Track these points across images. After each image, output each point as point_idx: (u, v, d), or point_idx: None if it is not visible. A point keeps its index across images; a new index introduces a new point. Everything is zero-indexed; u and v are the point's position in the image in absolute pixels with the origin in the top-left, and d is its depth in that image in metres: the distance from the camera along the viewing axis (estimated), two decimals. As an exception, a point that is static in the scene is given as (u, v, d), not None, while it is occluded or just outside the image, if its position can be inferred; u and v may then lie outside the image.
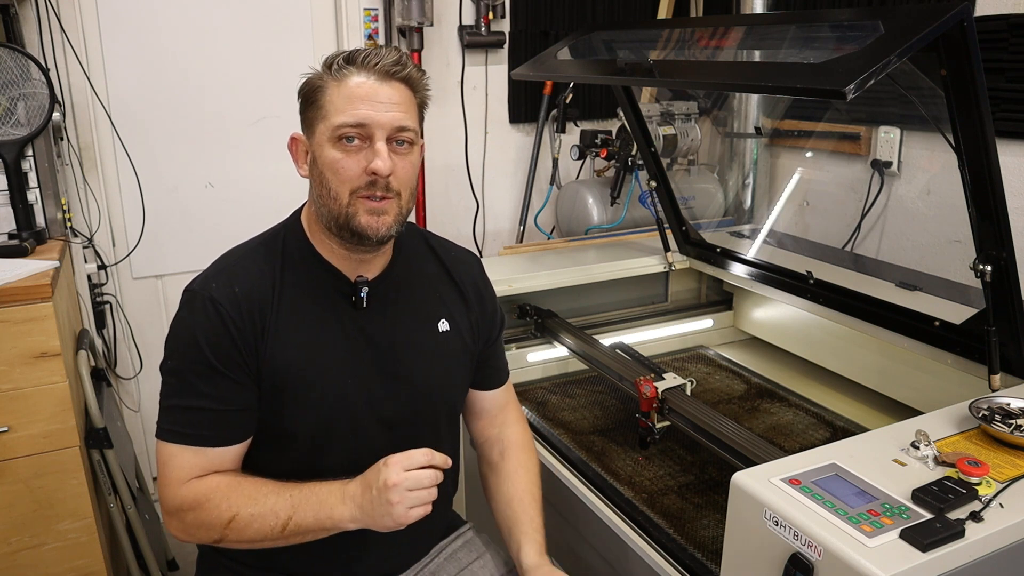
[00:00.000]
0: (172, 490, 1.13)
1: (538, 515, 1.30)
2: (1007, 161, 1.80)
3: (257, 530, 1.10)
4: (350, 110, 1.10)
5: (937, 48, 1.15)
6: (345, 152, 1.11)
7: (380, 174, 1.10)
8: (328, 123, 1.11)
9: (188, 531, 1.14)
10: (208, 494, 1.12)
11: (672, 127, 2.53)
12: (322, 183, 1.14)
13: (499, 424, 1.41)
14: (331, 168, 1.12)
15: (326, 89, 1.12)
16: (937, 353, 1.51)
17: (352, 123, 1.10)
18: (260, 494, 1.12)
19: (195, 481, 1.13)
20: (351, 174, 1.11)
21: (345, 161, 1.11)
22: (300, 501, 1.11)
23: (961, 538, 0.94)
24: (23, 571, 1.78)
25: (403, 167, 1.14)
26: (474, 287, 1.35)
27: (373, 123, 1.10)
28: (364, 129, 1.10)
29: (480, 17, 2.70)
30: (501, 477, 1.35)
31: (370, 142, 1.11)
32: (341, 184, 1.12)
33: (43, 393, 1.72)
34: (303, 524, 1.10)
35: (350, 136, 1.10)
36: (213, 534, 1.12)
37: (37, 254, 1.90)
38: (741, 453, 1.38)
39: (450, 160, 2.84)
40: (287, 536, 1.11)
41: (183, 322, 1.15)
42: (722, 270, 2.08)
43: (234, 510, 1.11)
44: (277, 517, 1.10)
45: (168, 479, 1.14)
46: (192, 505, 1.12)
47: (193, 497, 1.12)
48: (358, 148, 1.11)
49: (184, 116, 2.49)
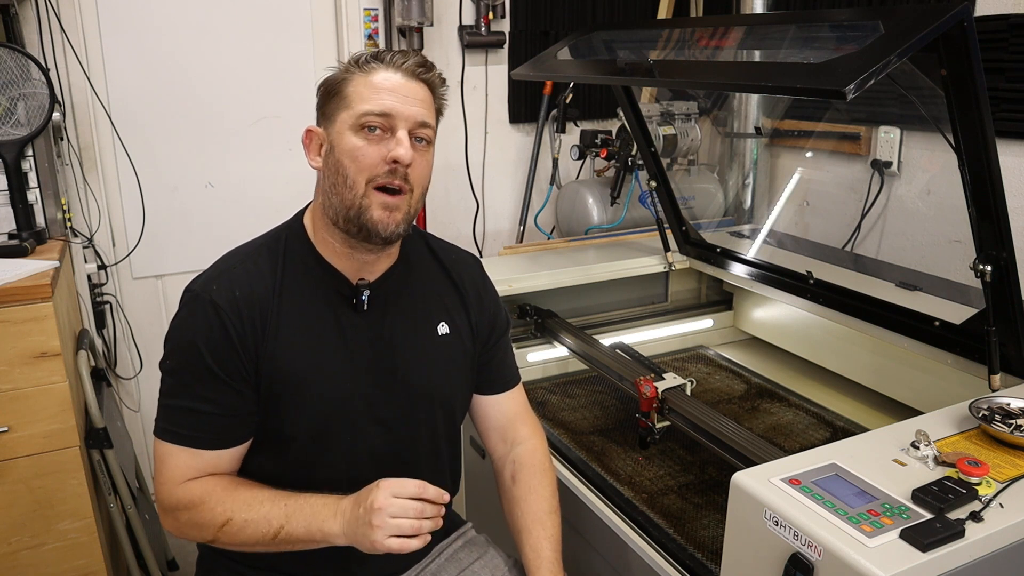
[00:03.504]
0: (168, 489, 1.14)
1: (548, 545, 1.25)
2: (1007, 161, 1.80)
3: (250, 535, 1.11)
4: (376, 99, 1.11)
5: (937, 48, 1.15)
6: (367, 140, 1.12)
7: (402, 161, 1.11)
8: (352, 111, 1.12)
9: (182, 530, 1.16)
10: (204, 496, 1.12)
11: (672, 127, 2.53)
12: (338, 171, 1.13)
13: (510, 441, 1.37)
14: (351, 155, 1.12)
15: (351, 80, 1.13)
16: (937, 353, 1.50)
17: (377, 111, 1.11)
18: (256, 500, 1.12)
19: (192, 482, 1.14)
20: (371, 162, 1.11)
21: (366, 148, 1.11)
22: (294, 511, 1.11)
23: (961, 538, 0.94)
24: (23, 571, 1.78)
25: (420, 163, 1.15)
26: (474, 288, 1.34)
27: (397, 114, 1.11)
28: (388, 119, 1.11)
29: (480, 17, 2.70)
30: (513, 503, 1.31)
31: (391, 133, 1.12)
32: (359, 172, 1.12)
33: (43, 393, 1.72)
34: (294, 534, 1.11)
35: (372, 125, 1.11)
36: (206, 535, 1.13)
37: (37, 254, 1.90)
38: (741, 453, 1.38)
39: (450, 160, 2.84)
40: (278, 544, 1.11)
41: (183, 324, 1.15)
42: (722, 270, 2.08)
43: (228, 514, 1.11)
44: (270, 525, 1.10)
45: (164, 477, 1.14)
46: (187, 505, 1.12)
47: (189, 498, 1.12)
48: (379, 138, 1.12)
49: (184, 116, 2.49)
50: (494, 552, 1.38)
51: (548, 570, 1.23)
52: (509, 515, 1.32)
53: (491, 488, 1.42)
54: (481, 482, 1.80)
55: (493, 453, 1.39)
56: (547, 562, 1.24)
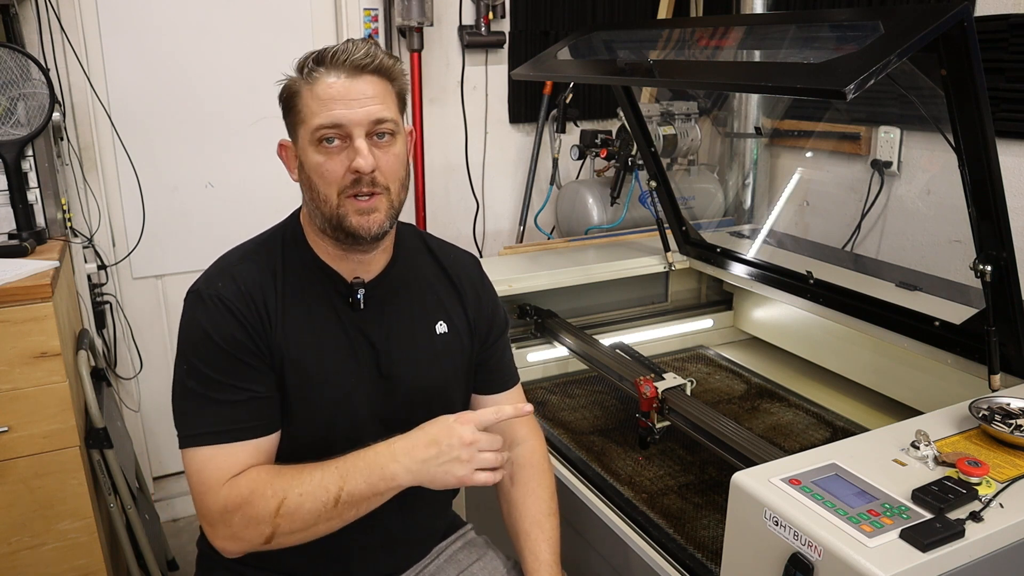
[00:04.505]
0: (212, 495, 1.08)
1: (547, 547, 1.25)
2: (1007, 161, 1.80)
3: (309, 511, 1.06)
4: (324, 112, 1.09)
5: (937, 48, 1.15)
6: (327, 154, 1.11)
7: (362, 171, 1.10)
8: (307, 127, 1.11)
9: (238, 535, 1.08)
10: (251, 486, 1.07)
11: (672, 127, 2.53)
12: (311, 187, 1.14)
13: (509, 441, 1.35)
14: (316, 172, 1.12)
15: (301, 93, 1.12)
16: (937, 353, 1.51)
17: (328, 124, 1.09)
18: (304, 472, 1.08)
19: (232, 480, 1.08)
20: (335, 176, 1.11)
21: (328, 163, 1.11)
22: (348, 470, 1.07)
23: (961, 538, 0.94)
24: (23, 571, 1.78)
25: (387, 160, 1.13)
26: (472, 288, 1.34)
27: (348, 122, 1.10)
28: (341, 129, 1.10)
29: (480, 17, 2.70)
30: (511, 505, 1.31)
31: (350, 140, 1.10)
32: (328, 186, 1.12)
33: (43, 393, 1.71)
34: (356, 492, 1.07)
35: (329, 137, 1.10)
36: (265, 529, 1.06)
37: (37, 254, 1.90)
38: (741, 453, 1.38)
39: (450, 160, 2.84)
40: (340, 510, 1.07)
41: (192, 322, 1.14)
42: (722, 270, 2.08)
43: (280, 495, 1.06)
44: (327, 492, 1.06)
45: (206, 486, 1.08)
46: (237, 503, 1.07)
47: (237, 494, 1.07)
48: (339, 148, 1.11)
49: (184, 116, 2.49)
50: (493, 554, 1.38)
51: (546, 572, 1.23)
52: (508, 517, 1.32)
53: (491, 489, 1.41)
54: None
55: None
56: (545, 564, 1.23)
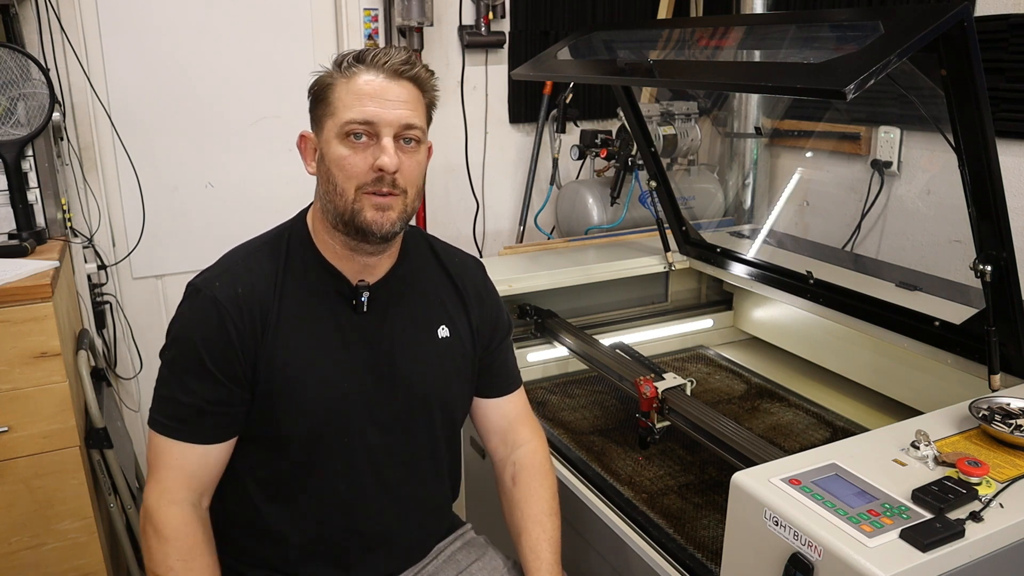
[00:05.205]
0: (155, 497, 1.13)
1: (547, 547, 1.26)
2: (1007, 161, 1.80)
3: None
4: (358, 107, 1.10)
5: (937, 48, 1.15)
6: (352, 149, 1.11)
7: (386, 170, 1.10)
8: (336, 120, 1.12)
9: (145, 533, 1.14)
10: (171, 538, 1.11)
11: (672, 127, 2.53)
12: (329, 179, 1.14)
13: (511, 444, 1.37)
14: (338, 164, 1.12)
15: (335, 86, 1.13)
16: (937, 353, 1.50)
17: (360, 120, 1.10)
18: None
19: (177, 511, 1.13)
20: (358, 170, 1.11)
21: (352, 158, 1.11)
22: None
23: (961, 538, 0.94)
24: (23, 571, 1.78)
25: (409, 165, 1.14)
26: (475, 291, 1.34)
27: (380, 120, 1.10)
28: (371, 126, 1.11)
29: (480, 17, 2.70)
30: (513, 504, 1.32)
31: (377, 139, 1.11)
32: (348, 180, 1.12)
33: (43, 393, 1.72)
34: None
35: (358, 133, 1.11)
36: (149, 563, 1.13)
37: (37, 254, 1.90)
38: (741, 453, 1.38)
39: (450, 160, 2.84)
40: None
41: (183, 318, 1.16)
42: (722, 270, 2.08)
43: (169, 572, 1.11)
44: None
45: (153, 468, 1.15)
46: (157, 528, 1.12)
47: (162, 523, 1.12)
48: (365, 145, 1.11)
49: (184, 116, 2.49)
50: (493, 553, 1.38)
51: (547, 572, 1.23)
52: (509, 516, 1.32)
53: (491, 489, 1.42)
54: (481, 483, 1.80)
55: (494, 455, 1.39)
56: (546, 564, 1.24)
